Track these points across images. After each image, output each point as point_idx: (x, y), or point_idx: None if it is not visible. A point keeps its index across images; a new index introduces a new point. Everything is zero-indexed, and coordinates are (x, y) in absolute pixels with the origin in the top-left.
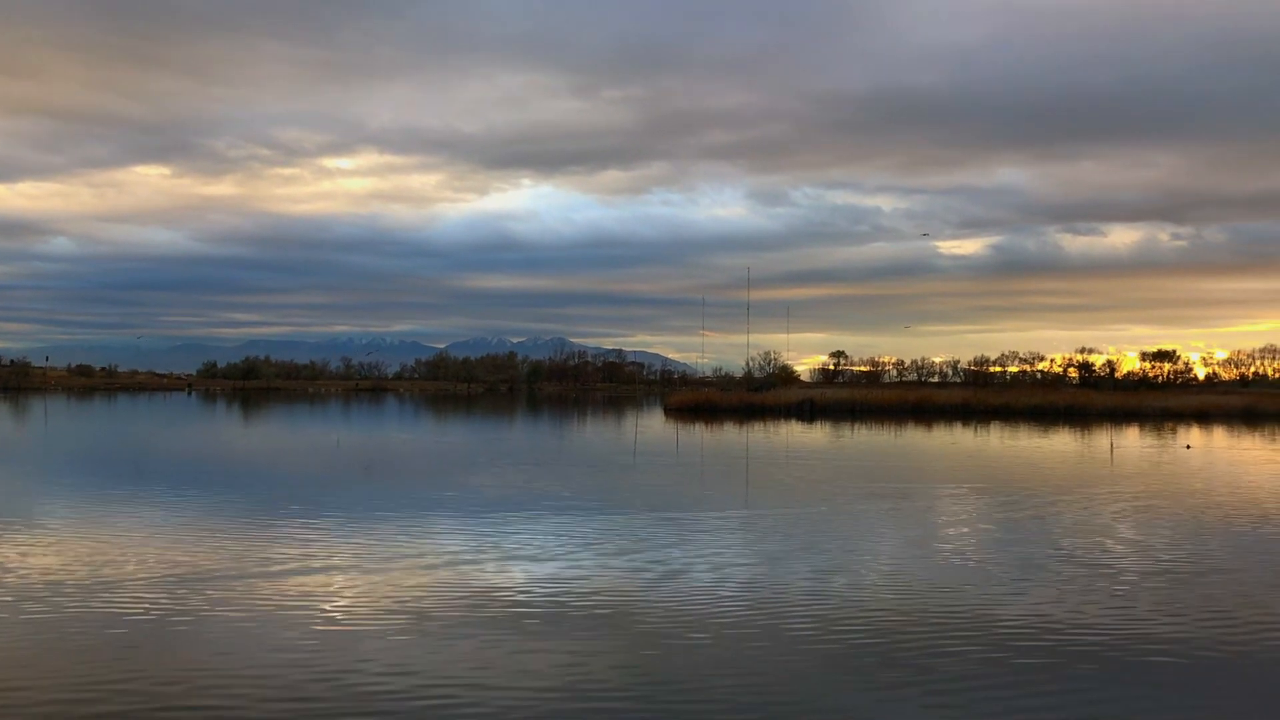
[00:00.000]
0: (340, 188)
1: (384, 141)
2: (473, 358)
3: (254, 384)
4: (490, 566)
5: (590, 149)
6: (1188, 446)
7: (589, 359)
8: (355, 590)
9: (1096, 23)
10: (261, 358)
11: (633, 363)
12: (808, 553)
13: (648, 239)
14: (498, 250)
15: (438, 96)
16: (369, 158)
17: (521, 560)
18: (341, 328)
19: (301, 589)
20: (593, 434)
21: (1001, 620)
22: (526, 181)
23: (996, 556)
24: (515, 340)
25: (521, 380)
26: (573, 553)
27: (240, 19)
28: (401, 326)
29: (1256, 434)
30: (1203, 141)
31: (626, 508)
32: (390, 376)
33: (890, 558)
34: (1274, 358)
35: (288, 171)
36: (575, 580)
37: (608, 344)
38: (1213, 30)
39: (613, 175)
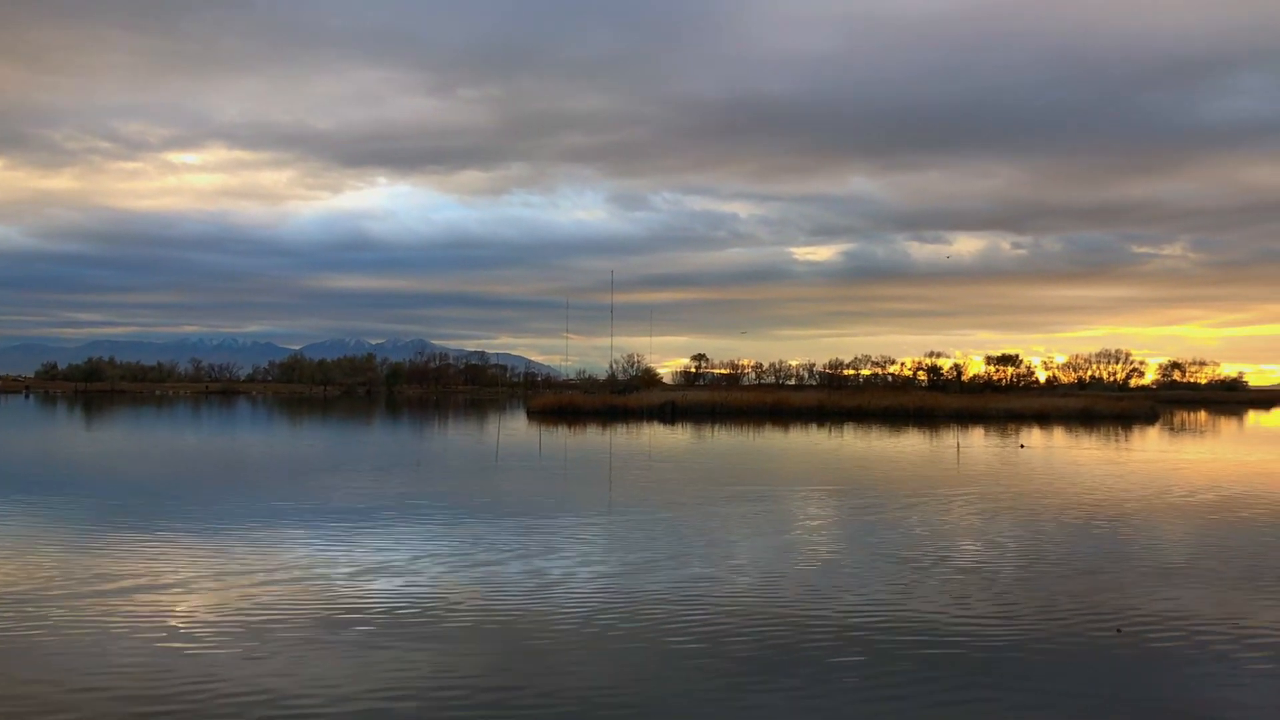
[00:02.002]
0: (187, 183)
1: (232, 136)
2: (329, 359)
3: (97, 386)
4: (348, 577)
5: (448, 148)
6: (1022, 446)
7: (450, 361)
8: (204, 606)
9: (943, 37)
10: (105, 359)
11: (495, 365)
12: (676, 557)
13: (509, 240)
14: (354, 249)
15: (288, 91)
16: (217, 153)
17: (381, 570)
18: (191, 328)
19: (146, 606)
20: (454, 437)
21: (871, 621)
22: (382, 180)
23: (861, 557)
24: (374, 342)
25: (380, 383)
26: (434, 561)
27: (77, 4)
28: (254, 327)
29: (1093, 434)
30: (1041, 155)
31: (489, 513)
32: (242, 379)
33: (758, 561)
34: (1109, 362)
35: (130, 165)
36: (436, 589)
37: (470, 346)
38: (1052, 49)
39: (472, 175)
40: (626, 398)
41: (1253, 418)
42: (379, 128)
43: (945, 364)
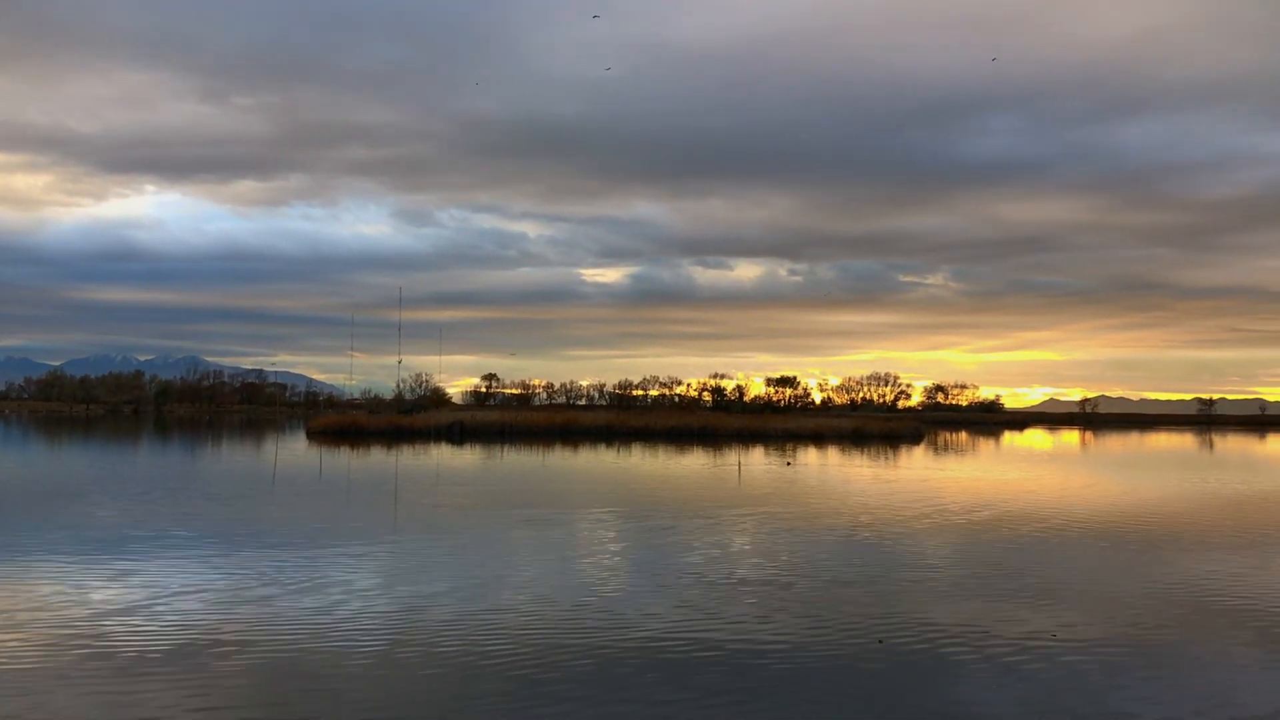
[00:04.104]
0: None
1: None
2: (92, 376)
3: None
4: (106, 615)
5: (221, 157)
6: (788, 464)
7: (225, 379)
8: None
9: (724, 67)
10: None
11: (274, 384)
12: (471, 586)
13: (288, 254)
14: (119, 260)
15: (45, 91)
16: None
17: (144, 607)
18: None
19: None
20: (228, 459)
21: (676, 645)
22: (150, 188)
23: (661, 580)
24: (142, 358)
25: (149, 401)
26: (205, 595)
27: None
28: (8, 341)
29: (864, 454)
30: (811, 186)
31: (266, 541)
32: None
33: (559, 588)
34: (878, 384)
35: None
36: (207, 627)
37: (246, 363)
38: (824, 85)
39: (247, 185)
40: (413, 418)
41: (1008, 438)
42: (146, 133)
43: (728, 385)
